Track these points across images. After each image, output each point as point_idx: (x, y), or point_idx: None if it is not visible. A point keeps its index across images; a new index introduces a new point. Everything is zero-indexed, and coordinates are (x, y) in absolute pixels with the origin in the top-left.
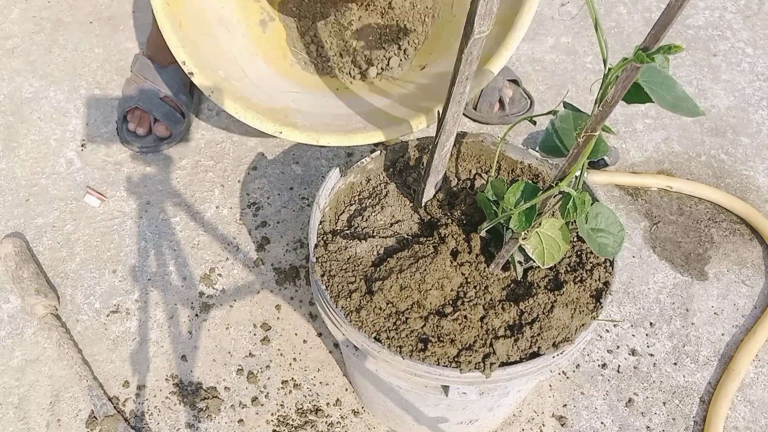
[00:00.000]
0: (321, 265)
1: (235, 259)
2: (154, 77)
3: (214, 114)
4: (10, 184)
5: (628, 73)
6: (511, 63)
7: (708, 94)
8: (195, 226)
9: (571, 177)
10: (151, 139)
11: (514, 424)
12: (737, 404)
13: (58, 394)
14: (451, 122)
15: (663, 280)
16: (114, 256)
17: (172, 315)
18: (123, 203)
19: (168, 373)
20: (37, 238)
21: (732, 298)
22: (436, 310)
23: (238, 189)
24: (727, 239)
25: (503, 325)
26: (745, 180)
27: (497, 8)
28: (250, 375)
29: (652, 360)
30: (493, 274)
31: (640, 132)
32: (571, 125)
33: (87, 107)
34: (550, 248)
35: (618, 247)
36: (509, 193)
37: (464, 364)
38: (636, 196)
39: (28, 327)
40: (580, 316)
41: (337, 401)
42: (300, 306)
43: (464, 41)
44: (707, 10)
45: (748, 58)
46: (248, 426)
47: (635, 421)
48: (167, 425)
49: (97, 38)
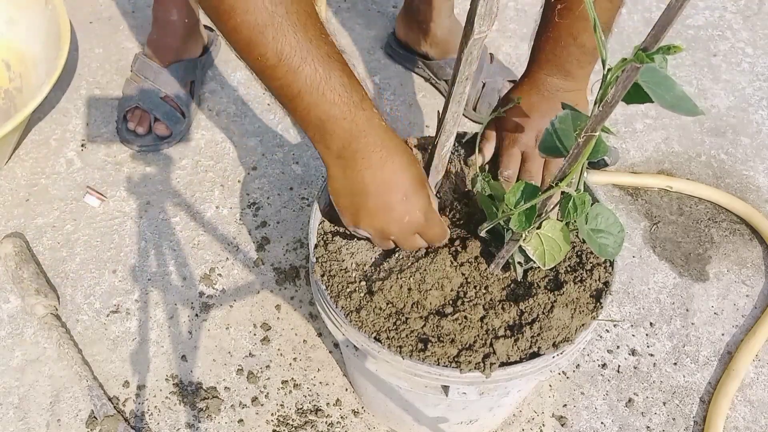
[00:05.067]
0: (321, 265)
1: (235, 259)
2: (154, 77)
3: (214, 114)
4: (10, 184)
5: (628, 74)
6: (511, 63)
7: (708, 94)
8: (195, 226)
9: (571, 177)
10: (150, 138)
11: (514, 424)
12: (737, 404)
13: (58, 394)
14: (451, 122)
15: (663, 280)
16: (114, 256)
17: (172, 315)
18: (123, 203)
19: (168, 373)
20: (37, 238)
21: (732, 298)
22: (436, 310)
23: (238, 189)
24: (727, 239)
25: (503, 325)
26: (745, 180)
27: (497, 8)
28: (250, 375)
29: (652, 360)
30: (493, 275)
31: (640, 132)
32: (570, 126)
33: (87, 107)
34: (550, 249)
35: (618, 247)
36: (509, 193)
37: (464, 364)
38: (636, 196)
39: (28, 327)
40: (580, 316)
41: (337, 401)
42: (300, 306)
43: (464, 41)
44: (707, 10)
45: (748, 58)
46: (248, 426)
47: (635, 421)
48: (167, 425)
49: (97, 38)
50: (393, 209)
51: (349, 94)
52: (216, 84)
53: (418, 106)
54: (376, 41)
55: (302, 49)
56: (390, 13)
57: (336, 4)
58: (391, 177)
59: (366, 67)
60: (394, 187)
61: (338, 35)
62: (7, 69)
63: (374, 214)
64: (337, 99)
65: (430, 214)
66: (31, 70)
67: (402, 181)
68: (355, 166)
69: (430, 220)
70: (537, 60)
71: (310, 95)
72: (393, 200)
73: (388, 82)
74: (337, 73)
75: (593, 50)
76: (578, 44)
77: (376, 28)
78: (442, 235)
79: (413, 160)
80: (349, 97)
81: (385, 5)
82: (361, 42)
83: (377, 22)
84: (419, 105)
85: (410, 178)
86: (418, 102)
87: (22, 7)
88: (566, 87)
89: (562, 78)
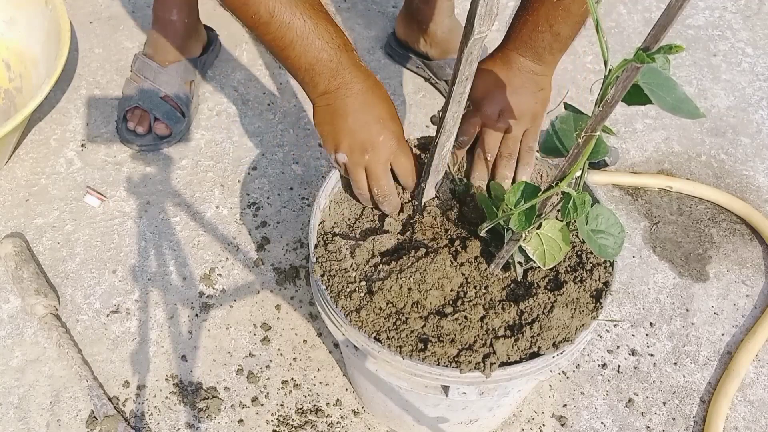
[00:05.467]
0: (321, 265)
1: (235, 259)
2: (154, 77)
3: (214, 114)
4: (10, 184)
5: (628, 74)
6: None
7: (708, 94)
8: (195, 226)
9: (571, 177)
10: (150, 138)
11: (514, 424)
12: (737, 404)
13: (58, 394)
14: (451, 122)
15: (663, 280)
16: (114, 256)
17: (172, 315)
18: (123, 203)
19: (168, 373)
20: (37, 238)
21: (732, 298)
22: (436, 310)
23: (238, 189)
24: (727, 239)
25: (503, 325)
26: (745, 180)
27: (497, 8)
28: (250, 375)
29: (652, 360)
30: (493, 275)
31: (640, 132)
32: (571, 126)
33: (87, 107)
34: (550, 249)
35: (618, 248)
36: (509, 193)
37: (464, 364)
38: (636, 196)
39: (28, 327)
40: (580, 316)
41: (337, 401)
42: (300, 306)
43: (464, 41)
44: (707, 10)
45: (748, 58)
46: (248, 426)
47: (635, 421)
48: (167, 425)
49: (97, 38)
50: (370, 127)
51: (334, 39)
52: (216, 84)
53: (418, 106)
54: (376, 41)
55: (291, 5)
56: (390, 13)
57: (336, 4)
58: (370, 101)
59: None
60: (372, 109)
61: None
62: (7, 69)
63: (353, 131)
64: (324, 45)
65: (402, 142)
66: (31, 70)
67: (379, 107)
68: (338, 95)
69: (401, 147)
70: (512, 39)
71: (301, 44)
72: (370, 120)
73: (388, 82)
74: (323, 23)
75: (566, 39)
76: (553, 32)
77: (376, 28)
78: (411, 169)
79: (388, 97)
80: (334, 42)
81: (385, 5)
82: (361, 42)
83: (377, 22)
84: (419, 105)
85: (387, 108)
86: (418, 102)
87: (22, 7)
88: (536, 70)
89: (533, 60)
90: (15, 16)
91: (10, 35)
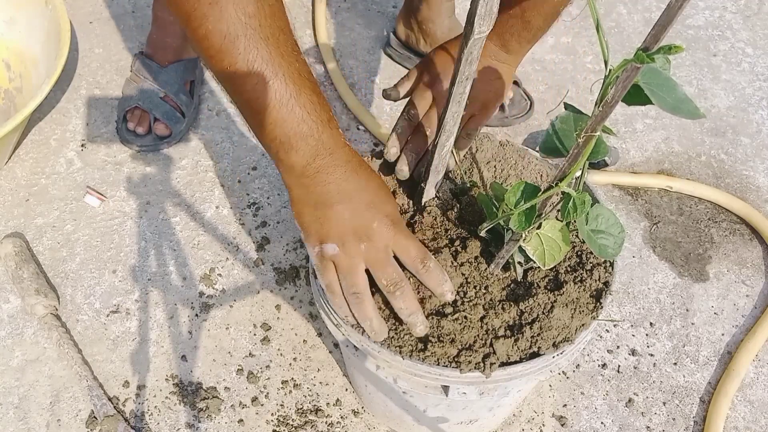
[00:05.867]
0: None
1: (235, 259)
2: (154, 77)
3: (214, 114)
4: (10, 184)
5: (628, 74)
6: None
7: (708, 94)
8: (195, 226)
9: (571, 177)
10: (150, 138)
11: (514, 424)
12: (737, 404)
13: (58, 394)
14: (451, 122)
15: (663, 280)
16: (114, 256)
17: (172, 315)
18: (123, 203)
19: (168, 373)
20: (37, 238)
21: (732, 298)
22: (436, 310)
23: (238, 189)
24: (727, 239)
25: (503, 325)
26: (745, 180)
27: (497, 8)
28: (250, 375)
29: (652, 360)
30: (493, 275)
31: (640, 132)
32: (571, 126)
33: (87, 107)
34: (550, 249)
35: (618, 248)
36: (509, 193)
37: (464, 364)
38: (636, 196)
39: (28, 327)
40: (580, 316)
41: (337, 401)
42: (300, 306)
43: (464, 41)
44: (707, 10)
45: (748, 58)
46: (248, 426)
47: (635, 421)
48: (167, 425)
49: (97, 38)
50: (361, 214)
51: (317, 112)
52: (216, 84)
53: None
54: (376, 41)
55: (274, 64)
56: (390, 13)
57: (336, 4)
58: (356, 187)
59: (366, 67)
60: (361, 194)
61: (338, 35)
62: (7, 69)
63: (342, 219)
64: (305, 116)
65: (400, 224)
66: (31, 70)
67: (367, 190)
68: (318, 181)
69: (400, 230)
70: None
71: (278, 111)
72: (360, 207)
73: (388, 82)
74: (307, 92)
75: (536, 30)
76: (524, 19)
77: (376, 28)
78: (417, 249)
79: (377, 175)
80: (318, 115)
81: (385, 5)
82: (361, 42)
83: (377, 22)
84: None
85: (375, 188)
86: None
87: (22, 7)
88: (500, 57)
89: (498, 46)
90: (15, 16)
91: (10, 35)
